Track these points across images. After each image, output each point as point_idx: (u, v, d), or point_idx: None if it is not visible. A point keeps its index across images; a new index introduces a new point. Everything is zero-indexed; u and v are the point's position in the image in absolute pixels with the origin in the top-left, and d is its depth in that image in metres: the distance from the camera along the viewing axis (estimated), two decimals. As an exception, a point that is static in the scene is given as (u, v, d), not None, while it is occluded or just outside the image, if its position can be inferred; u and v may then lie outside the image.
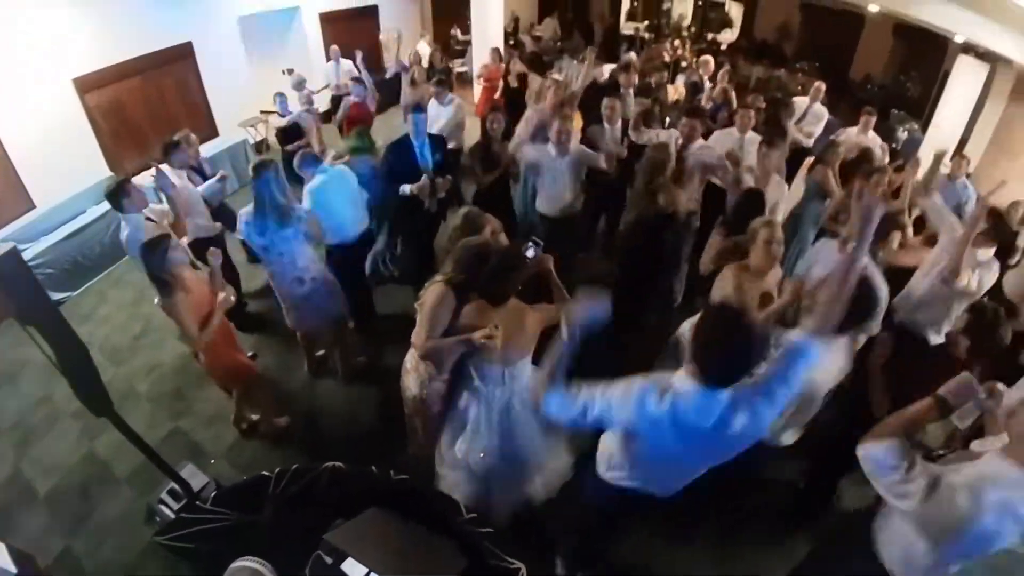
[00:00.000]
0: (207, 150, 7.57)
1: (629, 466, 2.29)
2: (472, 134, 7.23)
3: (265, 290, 5.52)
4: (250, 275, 5.88)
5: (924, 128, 10.48)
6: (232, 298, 3.63)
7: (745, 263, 3.33)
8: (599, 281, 4.16)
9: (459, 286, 2.79)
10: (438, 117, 6.17)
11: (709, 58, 9.16)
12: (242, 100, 8.73)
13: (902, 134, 10.71)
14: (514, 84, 8.08)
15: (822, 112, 7.40)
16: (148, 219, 4.11)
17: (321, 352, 4.81)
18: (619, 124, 5.52)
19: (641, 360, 3.12)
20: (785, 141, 4.99)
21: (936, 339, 3.78)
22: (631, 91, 6.45)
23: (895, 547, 2.07)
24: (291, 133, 6.83)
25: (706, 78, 8.66)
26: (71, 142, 6.60)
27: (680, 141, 4.99)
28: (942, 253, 3.82)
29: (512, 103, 7.67)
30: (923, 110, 12.08)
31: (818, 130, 7.20)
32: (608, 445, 2.42)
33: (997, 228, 3.79)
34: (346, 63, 8.80)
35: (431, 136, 4.78)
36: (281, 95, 6.93)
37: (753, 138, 5.36)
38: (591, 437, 2.63)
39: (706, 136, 5.39)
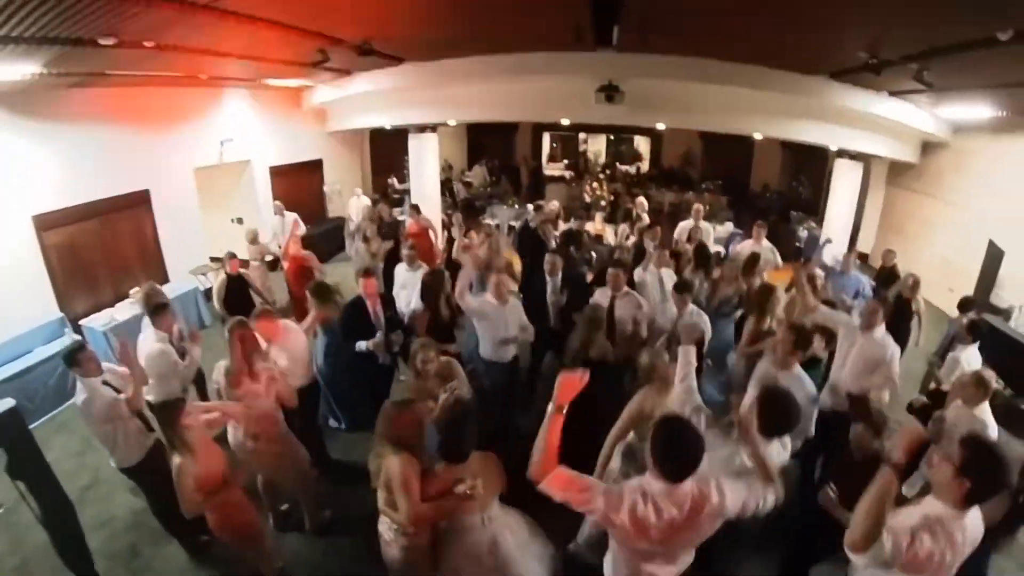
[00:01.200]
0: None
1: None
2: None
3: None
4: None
5: (821, 222, 11.83)
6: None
7: (653, 385, 3.77)
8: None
9: (413, 451, 2.94)
10: (408, 283, 6.21)
11: (643, 199, 10.21)
12: (193, 247, 9.01)
13: (803, 233, 12.09)
14: (456, 236, 8.10)
15: (708, 228, 8.56)
16: (105, 383, 3.92)
17: (285, 507, 4.68)
18: (559, 276, 5.98)
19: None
20: (691, 291, 5.51)
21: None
22: (553, 241, 7.09)
23: None
24: (234, 287, 6.52)
25: (644, 215, 9.59)
26: (24, 279, 6.59)
27: (609, 293, 5.38)
28: (844, 343, 4.50)
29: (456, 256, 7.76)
30: (817, 207, 13.69)
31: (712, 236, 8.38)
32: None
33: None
34: (291, 216, 9.29)
35: (382, 296, 5.23)
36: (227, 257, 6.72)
37: (669, 273, 6.09)
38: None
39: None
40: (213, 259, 9.56)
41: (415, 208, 9.20)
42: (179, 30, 4.73)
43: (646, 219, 9.54)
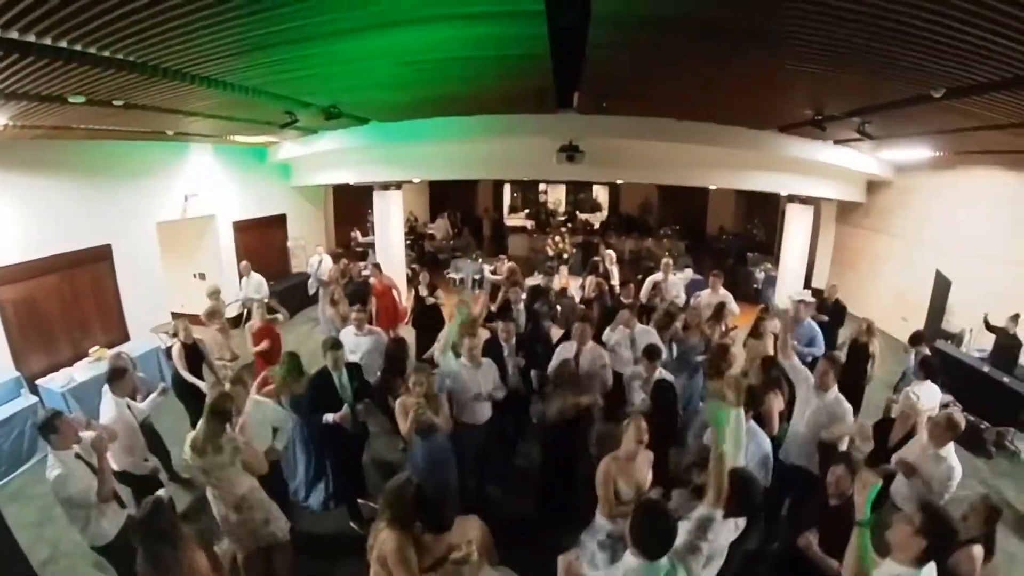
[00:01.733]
0: None
1: None
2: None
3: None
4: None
5: (777, 262, 12.35)
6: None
7: (616, 453, 3.79)
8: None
9: (405, 524, 2.94)
10: (357, 347, 6.08)
11: (611, 252, 10.48)
12: (155, 303, 8.79)
13: (759, 274, 12.59)
14: (424, 293, 7.97)
15: (677, 282, 8.83)
16: (78, 456, 3.75)
17: None
18: (513, 341, 6.03)
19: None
20: (660, 357, 5.59)
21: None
22: (521, 305, 7.17)
23: None
24: (193, 352, 6.30)
25: (612, 267, 9.90)
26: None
27: (575, 347, 5.48)
28: (801, 398, 4.65)
29: (424, 314, 7.86)
30: (772, 248, 14.35)
31: (679, 293, 8.58)
32: None
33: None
34: (256, 277, 9.29)
35: (348, 365, 5.18)
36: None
37: (643, 330, 6.21)
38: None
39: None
40: (175, 315, 9.38)
41: (377, 267, 9.14)
42: (151, 91, 4.77)
43: (614, 271, 9.82)
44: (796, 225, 10.97)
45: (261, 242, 11.62)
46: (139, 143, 8.09)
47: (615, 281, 9.58)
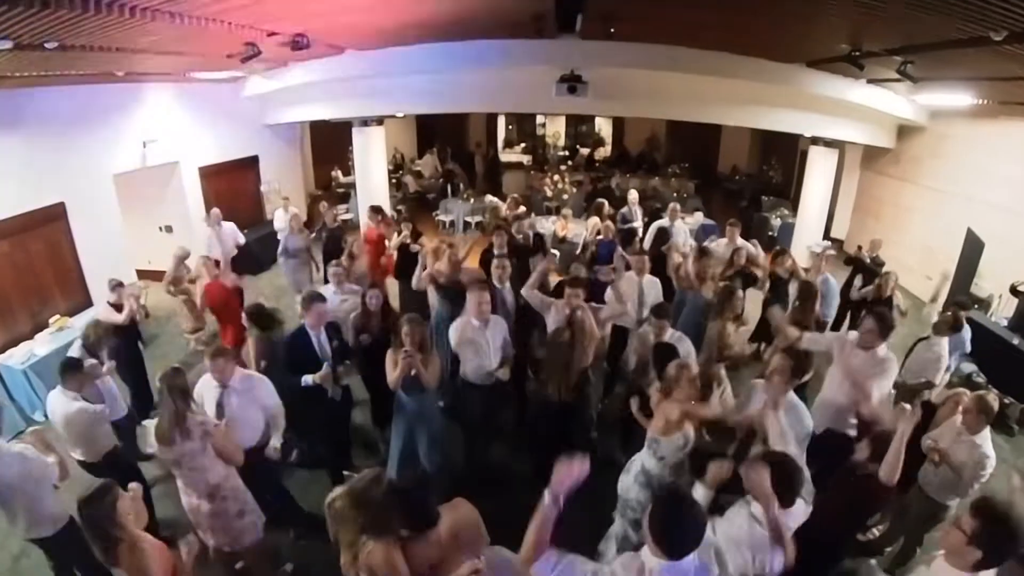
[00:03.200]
0: (81, 324, 7.10)
1: None
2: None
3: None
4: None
5: (795, 207, 12.13)
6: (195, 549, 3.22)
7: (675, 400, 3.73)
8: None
9: (387, 531, 2.72)
10: (337, 308, 5.75)
11: (634, 192, 10.10)
12: (118, 263, 8.44)
13: (775, 221, 12.30)
14: (408, 241, 7.57)
15: (683, 228, 8.59)
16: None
17: (240, 565, 4.36)
18: (508, 285, 5.76)
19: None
20: (669, 317, 5.34)
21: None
22: (505, 249, 6.69)
23: None
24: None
25: (635, 208, 9.54)
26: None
27: (567, 310, 5.10)
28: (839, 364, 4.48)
29: (408, 262, 7.15)
30: (789, 192, 14.05)
31: (688, 240, 8.35)
32: None
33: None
34: (228, 226, 8.98)
35: (328, 323, 4.96)
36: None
37: (651, 280, 6.00)
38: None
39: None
40: (142, 273, 9.18)
41: (375, 210, 8.29)
42: (84, 29, 4.38)
43: (638, 213, 9.49)
44: (818, 169, 10.70)
45: (231, 188, 11.25)
46: (86, 87, 7.59)
47: (638, 224, 9.34)
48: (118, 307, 6.12)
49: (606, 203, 9.76)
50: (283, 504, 4.71)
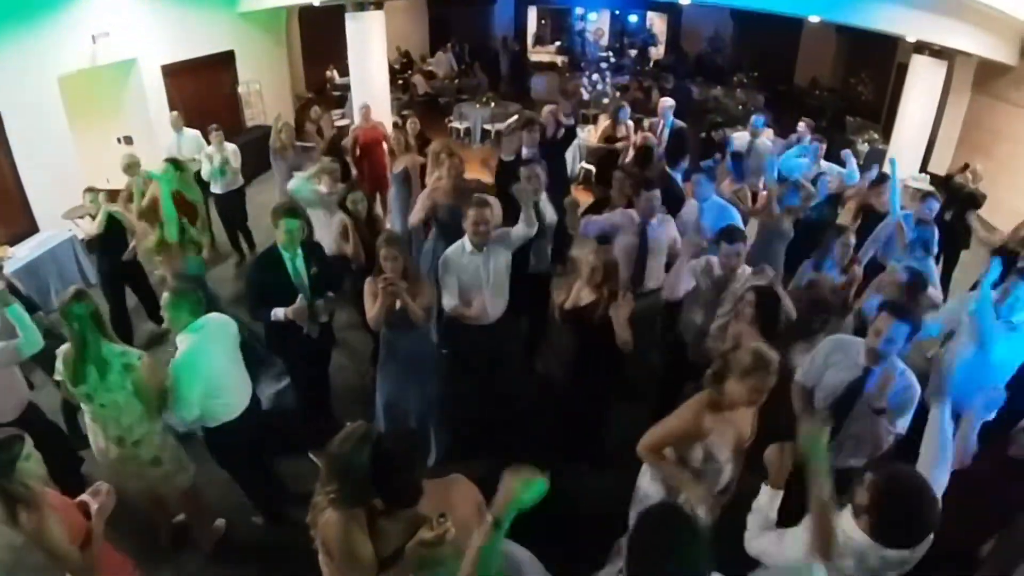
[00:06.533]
0: (24, 252, 7.17)
1: None
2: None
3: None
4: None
5: (886, 132, 11.55)
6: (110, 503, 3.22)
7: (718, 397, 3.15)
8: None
9: (356, 502, 2.58)
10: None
11: (668, 101, 9.17)
12: (68, 182, 8.28)
13: (862, 146, 11.63)
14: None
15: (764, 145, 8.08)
16: None
17: (180, 517, 4.44)
18: (544, 195, 5.35)
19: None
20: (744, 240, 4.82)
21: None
22: (536, 152, 6.39)
23: None
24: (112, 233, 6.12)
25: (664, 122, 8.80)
26: None
27: (637, 219, 5.08)
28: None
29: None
30: (880, 113, 13.36)
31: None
32: None
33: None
34: (190, 133, 8.77)
35: (306, 244, 4.72)
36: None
37: (717, 204, 5.70)
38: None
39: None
40: (90, 190, 9.08)
41: (367, 109, 8.73)
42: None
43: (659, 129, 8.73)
44: (921, 85, 9.98)
45: (202, 89, 11.06)
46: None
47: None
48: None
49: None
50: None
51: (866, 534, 2.22)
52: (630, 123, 8.83)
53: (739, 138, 8.21)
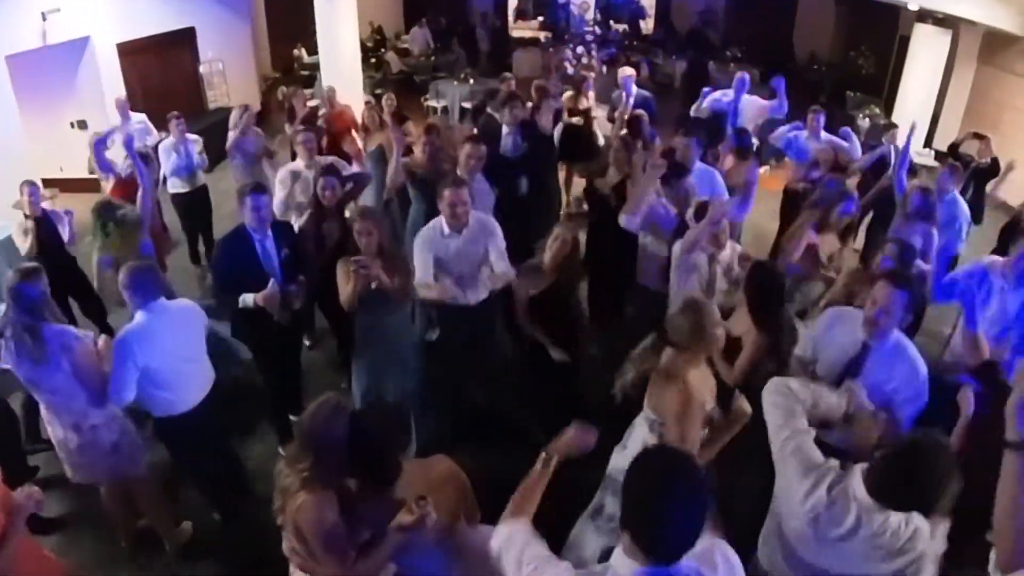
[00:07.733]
0: None
1: None
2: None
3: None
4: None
5: (888, 107, 11.65)
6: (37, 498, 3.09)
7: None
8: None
9: (325, 480, 2.53)
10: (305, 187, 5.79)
11: (627, 70, 9.25)
12: (16, 170, 8.18)
13: (863, 121, 11.69)
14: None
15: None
16: None
17: (143, 522, 4.41)
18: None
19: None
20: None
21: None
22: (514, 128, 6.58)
23: None
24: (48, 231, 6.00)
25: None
26: None
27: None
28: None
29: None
30: (882, 87, 13.46)
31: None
32: None
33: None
34: (137, 118, 8.49)
35: (277, 225, 4.67)
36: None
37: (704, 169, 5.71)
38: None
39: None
40: (49, 182, 8.96)
41: (331, 91, 8.95)
42: None
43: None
44: (924, 56, 10.26)
45: (161, 70, 11.01)
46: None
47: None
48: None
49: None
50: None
51: (867, 493, 2.22)
52: (591, 95, 8.95)
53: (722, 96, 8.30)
